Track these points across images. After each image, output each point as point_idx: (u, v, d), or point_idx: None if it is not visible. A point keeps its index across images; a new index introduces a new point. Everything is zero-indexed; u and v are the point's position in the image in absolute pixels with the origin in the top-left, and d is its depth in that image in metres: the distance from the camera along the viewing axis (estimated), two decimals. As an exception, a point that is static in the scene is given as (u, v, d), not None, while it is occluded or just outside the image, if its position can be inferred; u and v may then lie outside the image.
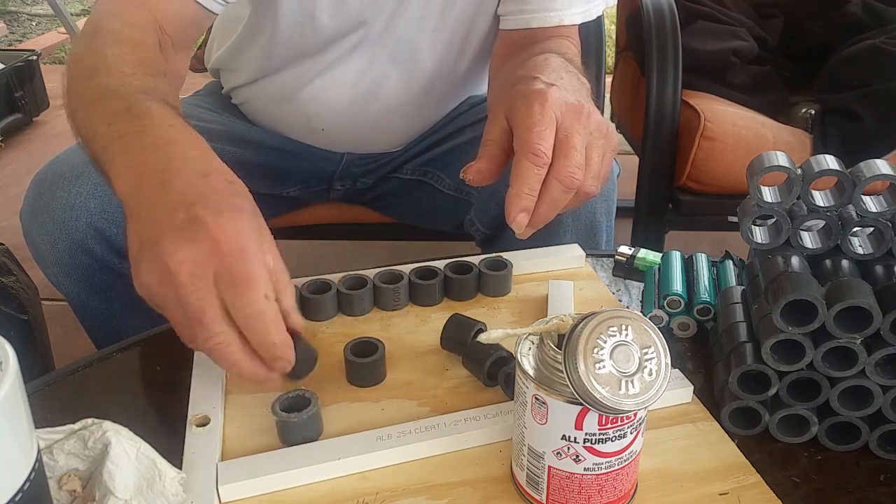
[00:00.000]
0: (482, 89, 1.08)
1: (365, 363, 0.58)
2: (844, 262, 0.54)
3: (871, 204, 0.53)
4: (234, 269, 0.48)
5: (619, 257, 0.77)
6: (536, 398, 0.44)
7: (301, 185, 1.09)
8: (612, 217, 0.93)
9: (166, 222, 0.49)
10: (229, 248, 0.48)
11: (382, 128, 1.04)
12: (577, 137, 0.59)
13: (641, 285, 0.75)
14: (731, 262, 0.72)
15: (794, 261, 0.54)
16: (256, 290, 0.48)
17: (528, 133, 0.58)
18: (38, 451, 0.36)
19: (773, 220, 0.56)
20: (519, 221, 0.58)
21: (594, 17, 0.89)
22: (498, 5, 0.91)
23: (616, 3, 1.79)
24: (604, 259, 0.79)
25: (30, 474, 0.35)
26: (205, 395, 0.57)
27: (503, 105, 0.63)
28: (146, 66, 0.68)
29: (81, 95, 0.64)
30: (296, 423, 0.52)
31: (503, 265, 0.71)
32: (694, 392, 0.57)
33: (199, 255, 0.48)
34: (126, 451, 0.45)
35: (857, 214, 0.53)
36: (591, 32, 1.33)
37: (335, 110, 1.00)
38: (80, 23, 3.67)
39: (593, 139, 0.61)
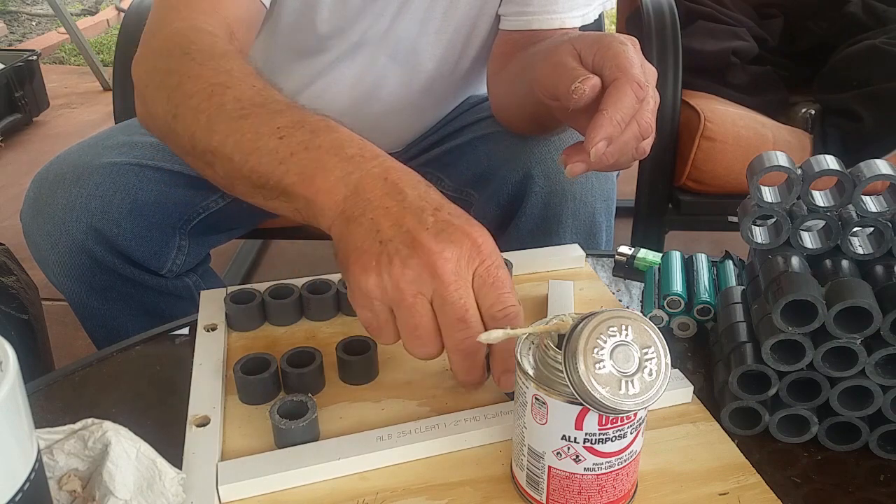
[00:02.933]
0: (482, 89, 1.08)
1: (357, 360, 0.59)
2: (844, 262, 0.54)
3: (871, 204, 0.53)
4: (494, 271, 0.50)
5: (619, 257, 0.77)
6: (536, 398, 0.44)
7: None
8: (612, 217, 0.93)
9: (417, 224, 0.49)
10: (488, 251, 0.50)
11: (382, 129, 1.04)
12: (652, 90, 0.61)
13: (641, 285, 0.75)
14: (731, 262, 0.72)
15: (794, 261, 0.54)
16: (513, 294, 0.50)
17: (630, 66, 0.59)
18: (38, 451, 0.36)
19: (773, 220, 0.56)
20: (598, 148, 0.57)
21: (591, 20, 0.89)
22: (499, 6, 0.91)
23: (615, 3, 1.79)
24: (604, 259, 0.79)
25: (30, 474, 0.35)
26: (205, 395, 0.57)
27: (572, 49, 0.63)
28: (266, 80, 0.67)
29: (217, 112, 0.61)
30: (293, 429, 0.52)
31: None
32: (694, 392, 0.57)
33: (463, 255, 0.49)
34: (126, 451, 0.45)
35: (857, 214, 0.53)
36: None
37: (335, 112, 0.99)
38: (80, 23, 3.67)
39: (656, 100, 0.62)
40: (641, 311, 0.70)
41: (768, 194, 0.55)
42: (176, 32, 0.71)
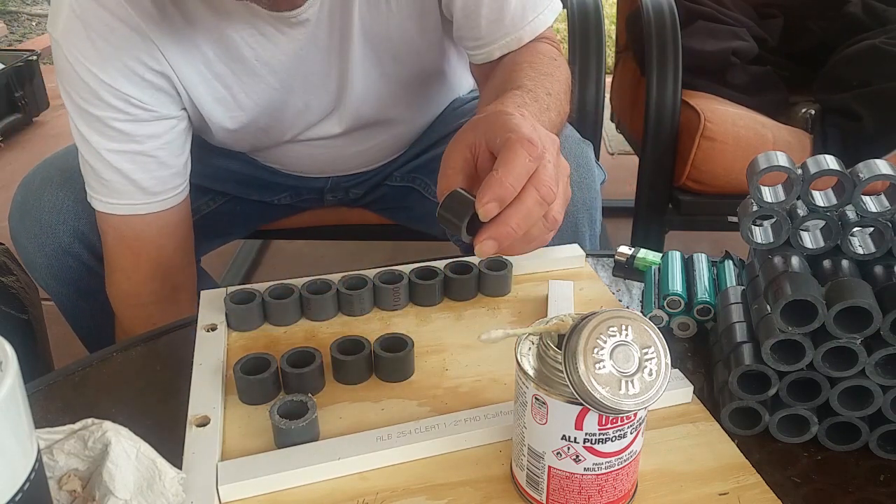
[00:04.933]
0: (463, 90, 1.08)
1: (351, 361, 0.59)
2: (844, 262, 0.54)
3: (871, 204, 0.53)
4: None
5: (619, 257, 0.77)
6: (536, 398, 0.44)
7: (292, 194, 1.09)
8: (597, 224, 0.92)
9: None
10: None
11: (361, 161, 1.04)
12: (550, 155, 0.56)
13: (641, 285, 0.75)
14: (731, 262, 0.72)
15: (794, 261, 0.54)
16: None
17: (519, 127, 0.55)
18: (38, 451, 0.36)
19: (773, 220, 0.56)
20: (488, 210, 0.53)
21: (560, 9, 0.86)
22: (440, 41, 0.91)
23: (615, 2, 1.79)
24: (604, 259, 0.79)
25: (30, 474, 0.35)
26: (205, 395, 0.57)
27: (468, 137, 0.59)
28: None
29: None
30: (293, 429, 0.52)
31: (503, 265, 0.71)
32: (694, 392, 0.57)
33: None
34: (126, 451, 0.45)
35: (857, 214, 0.53)
36: (591, 32, 1.33)
37: (311, 158, 1.00)
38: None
39: (560, 163, 0.58)
40: (641, 311, 0.70)
41: (768, 194, 0.55)
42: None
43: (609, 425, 0.43)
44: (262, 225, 1.16)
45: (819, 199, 0.54)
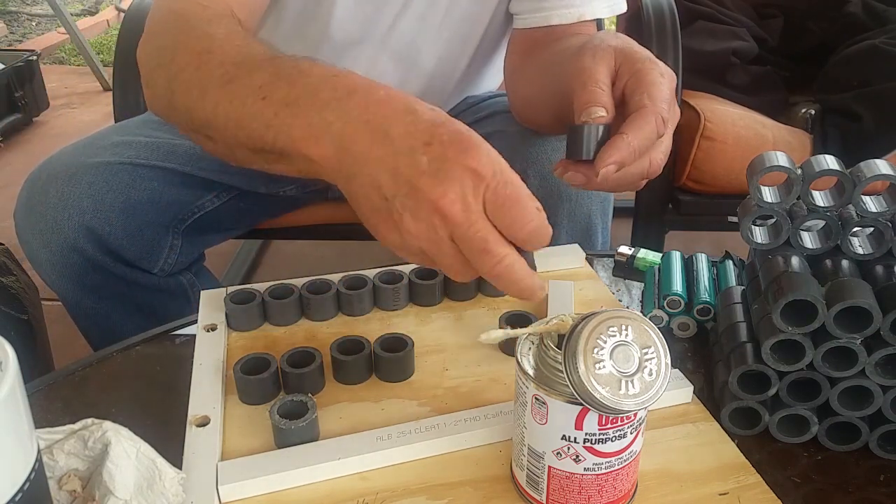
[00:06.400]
0: (481, 89, 1.08)
1: (351, 360, 0.59)
2: (844, 262, 0.54)
3: (871, 204, 0.53)
4: (502, 191, 0.49)
5: (619, 257, 0.77)
6: (536, 398, 0.44)
7: (298, 184, 1.09)
8: (609, 218, 0.92)
9: (412, 169, 0.49)
10: (490, 173, 0.49)
11: None
12: (670, 131, 0.61)
13: (641, 285, 0.75)
14: (731, 262, 0.72)
15: (794, 261, 0.54)
16: (529, 206, 0.49)
17: (661, 100, 0.58)
18: (38, 451, 0.36)
19: (773, 220, 0.57)
20: (608, 171, 0.56)
21: (623, 9, 0.86)
22: (499, 3, 0.90)
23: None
24: (604, 259, 0.79)
25: (30, 474, 0.35)
26: (205, 395, 0.57)
27: (611, 60, 0.62)
28: (251, 36, 0.66)
29: (206, 82, 0.60)
30: (293, 429, 0.52)
31: (503, 265, 0.71)
32: (694, 392, 0.57)
33: (466, 190, 0.48)
34: (126, 451, 0.45)
35: (857, 214, 0.53)
36: (590, 32, 1.33)
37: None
38: (80, 23, 3.67)
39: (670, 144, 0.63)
40: (641, 311, 0.70)
41: (768, 194, 0.55)
42: (171, 10, 0.70)
43: (609, 425, 0.43)
44: (267, 220, 1.16)
45: (819, 199, 0.54)
